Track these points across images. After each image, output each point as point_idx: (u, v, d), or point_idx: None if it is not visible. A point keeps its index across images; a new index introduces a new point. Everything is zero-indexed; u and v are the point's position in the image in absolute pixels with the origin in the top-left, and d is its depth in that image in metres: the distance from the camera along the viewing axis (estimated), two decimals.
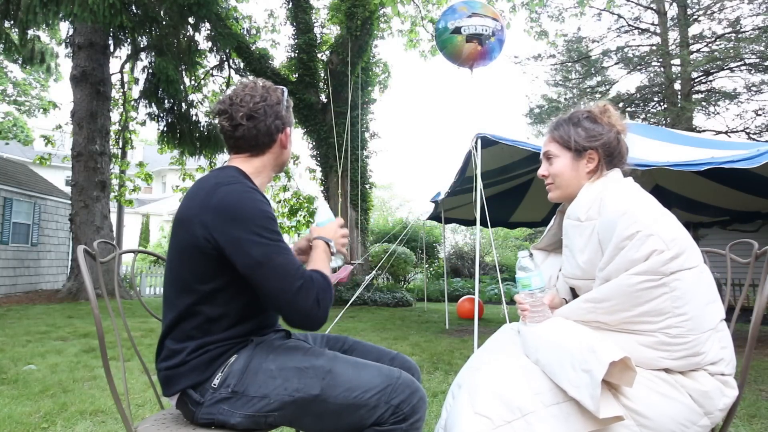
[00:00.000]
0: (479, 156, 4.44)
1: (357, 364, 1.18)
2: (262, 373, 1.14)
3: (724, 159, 3.53)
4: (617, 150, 1.32)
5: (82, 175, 9.56)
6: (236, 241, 1.08)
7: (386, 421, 1.12)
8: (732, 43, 11.36)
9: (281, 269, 1.09)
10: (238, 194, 1.13)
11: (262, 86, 1.29)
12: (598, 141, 1.30)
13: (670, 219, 1.11)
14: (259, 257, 1.08)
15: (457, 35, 5.51)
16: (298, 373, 1.13)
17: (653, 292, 1.05)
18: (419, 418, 1.15)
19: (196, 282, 1.15)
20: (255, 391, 1.12)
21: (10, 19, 8.04)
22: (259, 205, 1.13)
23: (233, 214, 1.10)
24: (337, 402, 1.11)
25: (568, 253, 1.30)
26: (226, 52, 11.27)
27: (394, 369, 1.20)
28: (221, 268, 1.12)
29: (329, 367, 1.15)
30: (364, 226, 11.24)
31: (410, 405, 1.13)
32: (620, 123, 1.34)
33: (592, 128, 1.32)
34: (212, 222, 1.10)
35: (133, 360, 3.84)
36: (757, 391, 3.30)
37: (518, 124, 65.76)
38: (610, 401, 1.01)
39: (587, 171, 1.32)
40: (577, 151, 1.32)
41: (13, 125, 19.24)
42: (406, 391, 1.14)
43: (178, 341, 1.17)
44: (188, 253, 1.14)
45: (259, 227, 1.10)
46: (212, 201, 1.12)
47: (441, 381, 3.45)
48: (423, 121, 73.57)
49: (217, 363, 1.16)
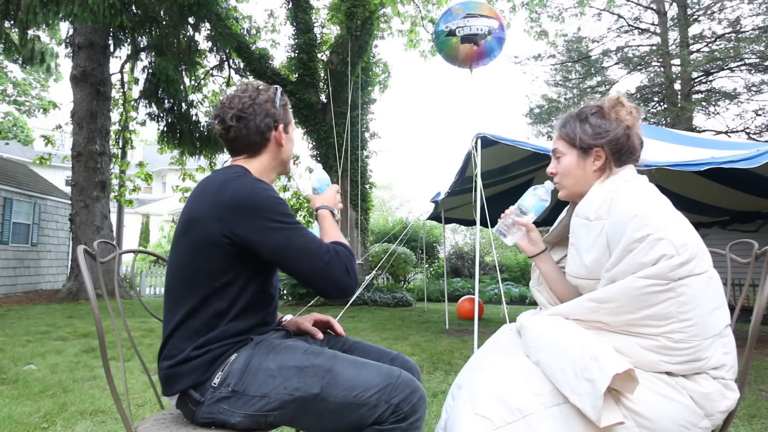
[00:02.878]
0: (479, 156, 4.44)
1: (357, 363, 1.18)
2: (261, 372, 1.14)
3: (724, 159, 3.52)
4: (626, 146, 1.26)
5: (82, 175, 9.57)
6: (258, 230, 1.13)
7: (386, 420, 1.11)
8: (732, 43, 11.36)
9: (306, 249, 1.15)
10: (249, 186, 1.17)
11: (254, 87, 1.30)
12: (604, 138, 1.26)
13: (682, 223, 1.09)
14: (282, 241, 1.13)
15: (452, 37, 5.56)
16: (297, 372, 1.13)
17: (659, 296, 1.04)
18: (419, 417, 1.15)
19: (210, 278, 1.16)
20: (255, 391, 1.12)
21: (10, 19, 8.04)
22: (270, 193, 1.18)
23: (249, 205, 1.13)
24: (337, 401, 1.11)
25: (574, 252, 1.27)
26: (226, 52, 11.27)
27: (394, 368, 1.20)
28: (235, 263, 1.16)
29: (329, 366, 1.15)
30: (364, 226, 11.23)
31: (410, 404, 1.13)
32: (631, 117, 1.27)
33: (599, 124, 1.27)
34: (229, 216, 1.13)
35: (133, 360, 3.84)
36: (757, 391, 3.30)
37: (518, 124, 65.78)
38: (611, 408, 1.00)
39: (594, 169, 1.27)
40: (583, 149, 1.28)
41: (13, 125, 19.26)
42: (406, 390, 1.14)
43: (185, 339, 1.17)
44: (204, 250, 1.15)
45: (275, 213, 1.14)
46: (225, 196, 1.14)
47: (441, 381, 3.45)
48: (423, 121, 73.56)
49: (217, 362, 1.16)
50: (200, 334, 1.16)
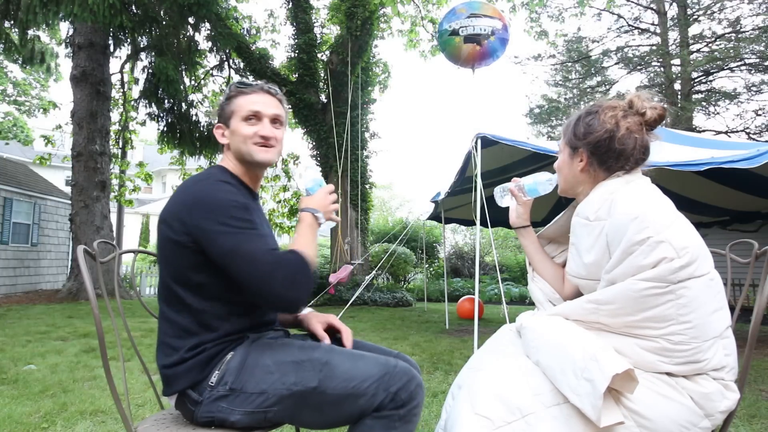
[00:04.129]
0: (479, 156, 4.44)
1: (354, 355, 1.19)
2: (259, 368, 1.14)
3: (724, 159, 3.52)
4: (610, 151, 1.21)
5: (82, 175, 9.56)
6: (207, 233, 1.10)
7: (385, 407, 1.13)
8: (732, 43, 11.36)
9: (249, 255, 1.08)
10: (207, 187, 1.16)
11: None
12: (585, 140, 1.25)
13: (683, 225, 1.08)
14: (229, 246, 1.09)
15: (455, 37, 5.56)
16: (295, 366, 1.14)
17: (659, 298, 1.04)
18: (417, 404, 1.17)
19: (185, 276, 1.16)
20: (253, 388, 1.12)
21: (10, 19, 8.04)
22: (227, 195, 1.15)
23: (202, 206, 1.12)
24: (336, 393, 1.12)
25: (574, 251, 1.27)
26: (226, 52, 11.27)
27: (390, 358, 1.21)
28: (203, 261, 1.14)
29: (326, 359, 1.15)
30: (364, 226, 11.23)
31: (408, 391, 1.15)
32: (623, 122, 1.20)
33: (588, 125, 1.25)
34: (187, 217, 1.13)
35: (133, 360, 3.84)
36: (757, 391, 3.30)
37: (518, 124, 65.79)
38: (611, 408, 1.00)
39: (579, 170, 1.28)
40: (572, 148, 1.29)
41: (13, 125, 19.26)
42: (403, 378, 1.15)
43: (177, 338, 1.17)
44: (174, 248, 1.16)
45: (226, 217, 1.11)
46: (187, 197, 1.16)
47: (441, 381, 3.45)
48: (423, 121, 73.57)
49: (213, 362, 1.16)
50: (191, 333, 1.17)
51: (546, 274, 1.47)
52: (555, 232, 1.50)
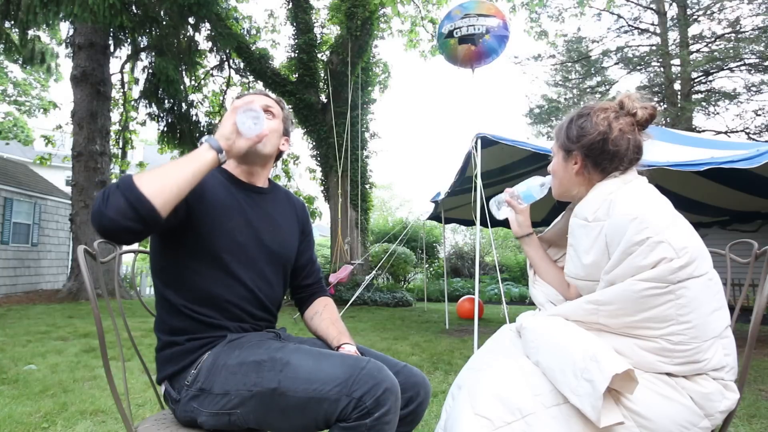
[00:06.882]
0: (479, 156, 4.44)
1: (320, 355, 1.10)
2: (225, 369, 1.12)
3: (724, 159, 3.52)
4: (604, 153, 1.21)
5: (83, 175, 9.57)
6: None
7: (349, 416, 1.00)
8: (732, 43, 11.36)
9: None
10: None
11: None
12: (579, 142, 1.24)
13: (682, 225, 1.08)
14: None
15: (450, 39, 5.58)
16: (256, 366, 1.09)
17: (658, 299, 1.04)
18: (386, 412, 1.02)
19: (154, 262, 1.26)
20: (218, 388, 1.11)
21: (10, 19, 8.04)
22: None
23: None
24: (297, 396, 1.03)
25: (573, 253, 1.27)
26: (226, 52, 11.28)
27: (362, 359, 1.09)
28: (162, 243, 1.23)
29: (287, 359, 1.08)
30: (364, 226, 11.23)
31: (374, 397, 1.00)
32: (615, 123, 1.20)
33: (581, 127, 1.25)
34: None
35: (133, 360, 3.84)
36: (757, 391, 3.30)
37: (518, 124, 65.77)
38: (610, 408, 1.00)
39: (574, 173, 1.27)
40: (566, 151, 1.29)
41: (13, 125, 19.27)
42: (369, 382, 1.02)
43: (159, 330, 1.26)
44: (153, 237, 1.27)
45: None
46: None
47: (441, 381, 3.45)
48: (423, 121, 73.56)
49: (189, 359, 1.19)
50: (166, 324, 1.24)
51: (553, 281, 1.44)
52: (554, 235, 1.49)
